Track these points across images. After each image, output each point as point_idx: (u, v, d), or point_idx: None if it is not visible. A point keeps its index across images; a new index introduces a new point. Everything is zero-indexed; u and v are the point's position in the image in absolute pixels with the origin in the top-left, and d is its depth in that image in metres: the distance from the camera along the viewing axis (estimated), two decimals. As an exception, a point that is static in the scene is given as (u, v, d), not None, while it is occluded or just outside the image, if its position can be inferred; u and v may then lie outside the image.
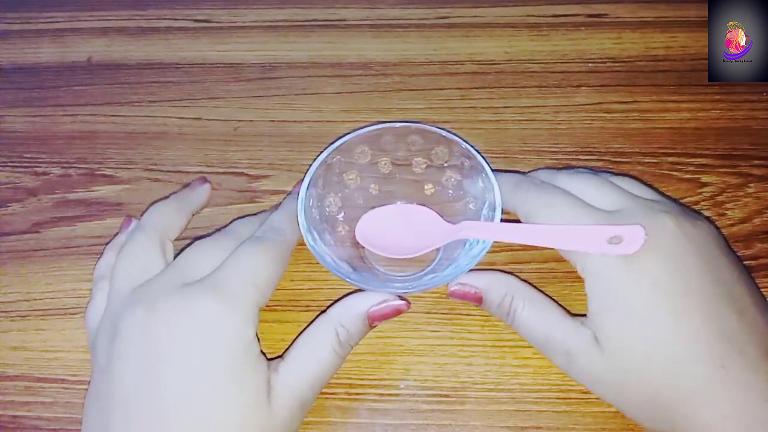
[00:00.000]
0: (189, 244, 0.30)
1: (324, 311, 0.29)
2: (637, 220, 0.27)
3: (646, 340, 0.26)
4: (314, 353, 0.28)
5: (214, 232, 0.32)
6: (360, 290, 0.29)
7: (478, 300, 0.30)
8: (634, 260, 0.26)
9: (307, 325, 0.29)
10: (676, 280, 0.26)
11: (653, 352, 0.26)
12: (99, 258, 0.33)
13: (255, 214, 0.35)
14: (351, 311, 0.29)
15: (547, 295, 0.30)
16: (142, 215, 0.33)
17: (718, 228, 0.30)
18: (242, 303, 0.27)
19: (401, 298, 0.29)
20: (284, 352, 0.28)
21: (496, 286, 0.29)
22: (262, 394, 0.26)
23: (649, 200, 0.30)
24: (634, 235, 0.26)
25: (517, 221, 0.31)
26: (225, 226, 0.33)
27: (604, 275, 0.27)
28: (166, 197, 0.35)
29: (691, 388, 0.25)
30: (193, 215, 0.35)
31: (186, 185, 0.36)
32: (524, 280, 0.30)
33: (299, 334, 0.29)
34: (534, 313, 0.29)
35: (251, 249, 0.29)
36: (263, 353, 0.27)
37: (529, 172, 0.35)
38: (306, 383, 0.27)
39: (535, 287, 0.30)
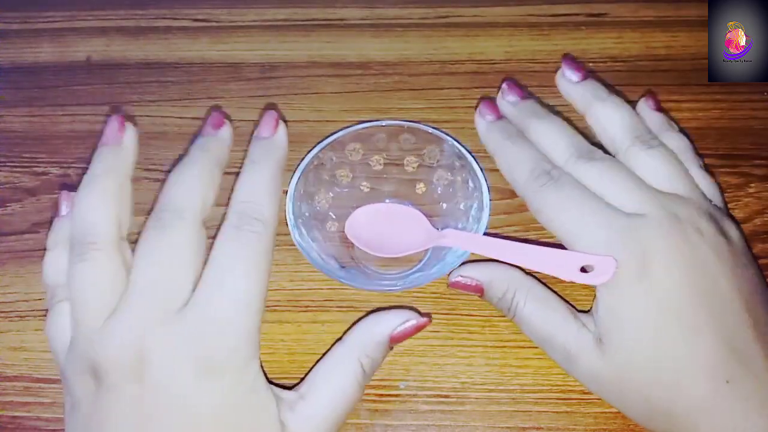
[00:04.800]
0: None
1: (339, 339, 0.28)
2: (658, 229, 0.26)
3: (653, 353, 0.25)
4: (339, 389, 0.26)
5: (150, 216, 0.27)
6: (372, 311, 0.29)
7: (479, 291, 0.29)
8: (651, 272, 0.25)
9: (321, 356, 0.28)
10: (692, 294, 0.25)
11: (658, 366, 0.25)
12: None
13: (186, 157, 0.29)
14: (374, 339, 0.27)
15: (551, 290, 0.29)
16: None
17: (741, 229, 0.29)
18: (241, 339, 0.24)
19: (420, 314, 0.28)
20: (299, 384, 0.27)
21: (497, 281, 0.29)
22: None
23: (677, 200, 0.27)
24: (604, 266, 0.25)
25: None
26: (156, 203, 0.27)
27: (616, 282, 0.26)
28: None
29: (694, 403, 0.25)
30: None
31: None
32: (530, 274, 0.30)
33: (314, 365, 0.27)
34: (535, 311, 0.28)
35: (235, 262, 0.25)
36: (271, 383, 0.26)
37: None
38: (331, 422, 0.26)
39: (539, 281, 0.29)
